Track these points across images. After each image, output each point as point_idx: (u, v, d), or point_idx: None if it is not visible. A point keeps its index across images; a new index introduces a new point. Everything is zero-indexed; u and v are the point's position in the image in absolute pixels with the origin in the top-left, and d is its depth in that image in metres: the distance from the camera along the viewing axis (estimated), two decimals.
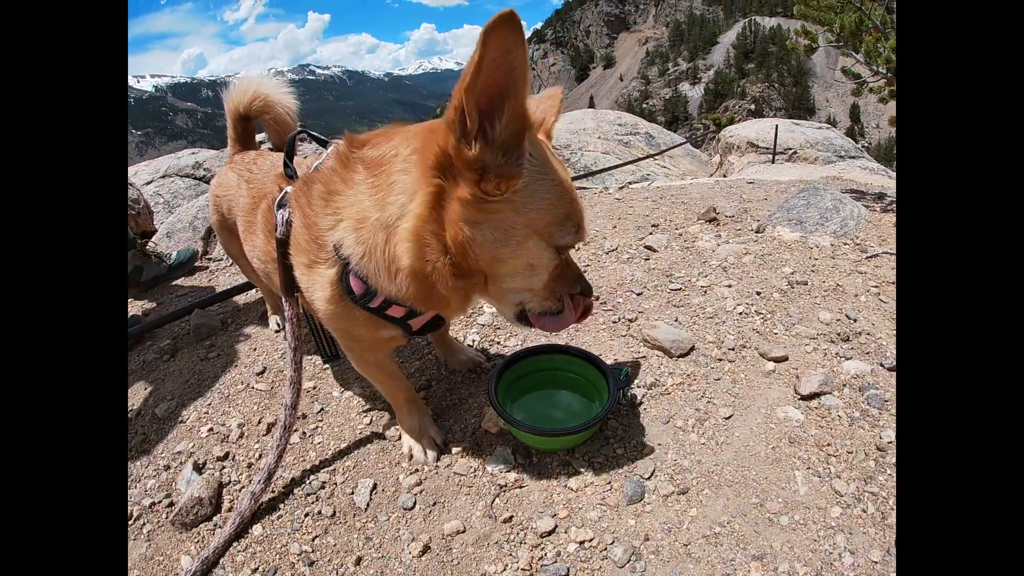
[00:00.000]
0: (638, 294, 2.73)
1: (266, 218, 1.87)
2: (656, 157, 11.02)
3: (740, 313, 2.47)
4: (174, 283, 3.88)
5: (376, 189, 1.39)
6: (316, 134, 1.95)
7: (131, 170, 6.97)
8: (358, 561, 1.63)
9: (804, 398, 1.96)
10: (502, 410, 1.83)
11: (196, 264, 4.15)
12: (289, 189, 1.71)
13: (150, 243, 4.48)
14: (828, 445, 1.77)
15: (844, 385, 2.00)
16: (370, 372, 1.95)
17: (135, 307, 3.57)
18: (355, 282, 1.51)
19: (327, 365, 2.53)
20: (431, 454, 1.93)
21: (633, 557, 1.52)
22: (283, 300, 1.85)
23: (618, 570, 1.50)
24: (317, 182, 1.53)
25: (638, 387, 2.10)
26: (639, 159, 9.99)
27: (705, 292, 2.68)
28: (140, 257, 3.68)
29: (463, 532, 1.67)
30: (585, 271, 2.98)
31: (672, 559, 1.51)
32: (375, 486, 1.86)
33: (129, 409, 2.43)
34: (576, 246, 1.56)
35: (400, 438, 2.01)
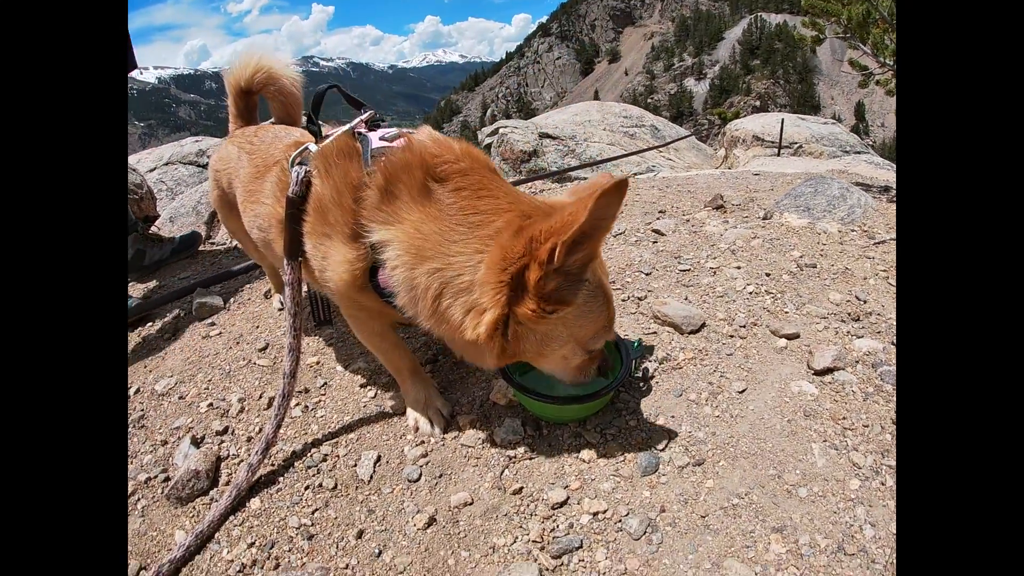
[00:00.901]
0: (647, 274, 2.69)
1: (279, 181, 1.83)
2: (661, 150, 10.96)
3: (750, 292, 2.43)
4: (178, 266, 3.86)
5: (446, 240, 1.44)
6: (350, 94, 1.92)
7: (134, 158, 6.98)
8: (360, 534, 1.59)
9: (818, 373, 1.92)
10: (511, 378, 1.79)
11: (200, 248, 4.13)
12: (312, 147, 1.68)
13: (152, 228, 4.48)
14: (844, 419, 1.74)
15: (857, 362, 1.97)
16: (372, 341, 1.93)
17: (137, 290, 3.54)
18: (384, 280, 1.55)
19: (325, 334, 2.51)
20: (438, 425, 1.89)
21: (649, 529, 1.48)
22: (284, 263, 1.80)
23: (634, 542, 1.46)
24: (373, 169, 1.51)
25: (650, 361, 2.06)
26: (644, 150, 9.94)
27: (714, 273, 2.64)
28: (143, 241, 3.66)
29: (471, 504, 1.63)
30: None
31: (689, 531, 1.47)
32: (379, 458, 1.83)
33: (128, 386, 2.40)
34: None
35: (405, 411, 1.97)
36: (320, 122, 1.84)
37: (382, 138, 1.59)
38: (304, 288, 1.98)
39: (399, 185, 1.47)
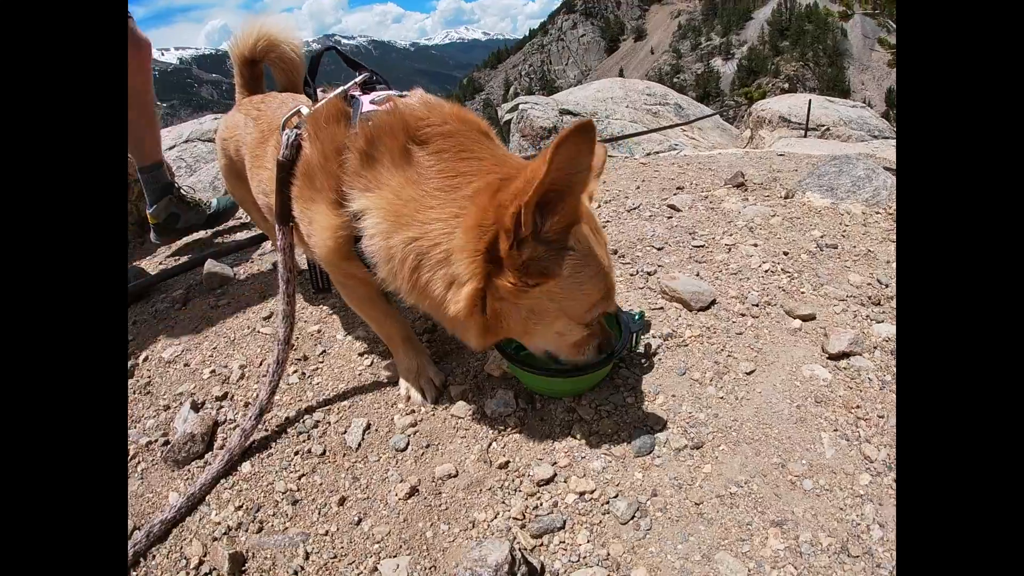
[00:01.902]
0: (659, 249, 2.58)
1: (279, 145, 1.79)
2: (685, 129, 10.76)
3: (766, 271, 2.32)
4: (199, 239, 3.88)
5: (423, 206, 1.37)
6: (347, 55, 1.86)
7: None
8: (341, 501, 1.56)
9: (832, 357, 1.81)
10: (504, 349, 1.72)
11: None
12: (304, 110, 1.63)
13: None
14: (857, 407, 1.63)
15: (875, 348, 1.86)
16: (362, 309, 1.89)
17: (152, 264, 3.55)
18: (364, 249, 1.49)
19: (328, 304, 2.49)
20: (429, 395, 1.84)
21: (638, 513, 1.40)
22: (276, 228, 1.78)
23: (620, 527, 1.38)
24: (357, 133, 1.45)
25: (654, 337, 1.96)
26: (667, 127, 9.76)
27: (729, 250, 2.53)
28: (177, 204, 3.65)
29: (455, 476, 1.57)
30: (605, 227, 2.85)
31: (681, 518, 1.38)
32: (369, 426, 1.78)
33: (137, 355, 2.40)
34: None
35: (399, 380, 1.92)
36: (317, 86, 1.79)
37: (372, 101, 1.53)
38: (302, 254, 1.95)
39: (380, 149, 1.41)
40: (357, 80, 1.65)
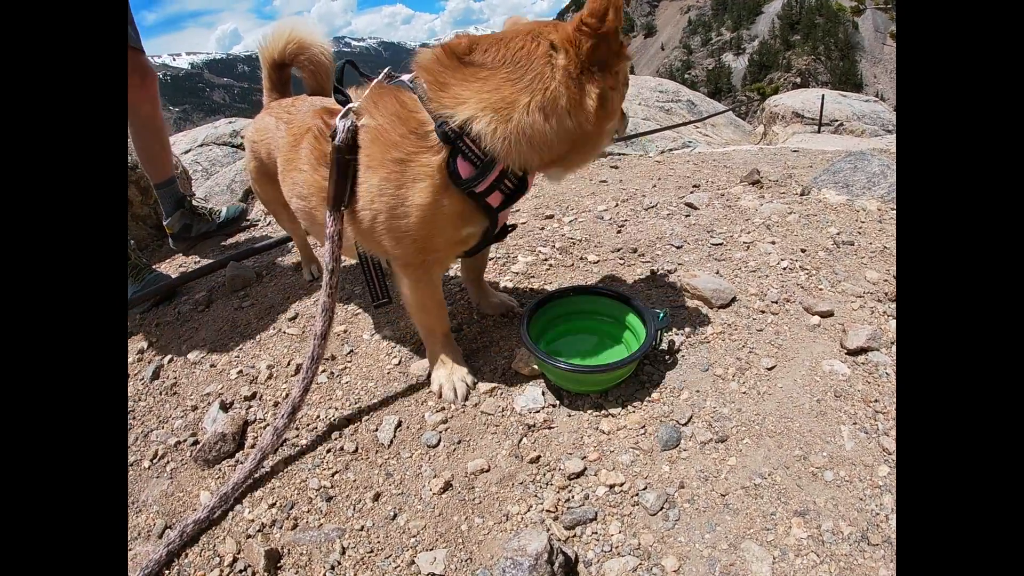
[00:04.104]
0: (678, 247, 2.63)
1: (313, 148, 1.85)
2: (698, 126, 10.74)
3: (784, 268, 2.36)
4: (214, 243, 3.93)
5: (519, 81, 1.52)
6: (360, 70, 1.89)
7: (170, 140, 7.19)
8: (376, 497, 1.60)
9: (851, 353, 1.85)
10: (534, 346, 1.77)
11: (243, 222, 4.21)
12: (353, 104, 1.69)
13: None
14: (876, 401, 1.67)
15: (892, 343, 1.89)
16: (425, 292, 1.85)
17: (172, 266, 3.60)
18: (464, 166, 1.56)
19: (348, 301, 2.53)
20: (461, 392, 1.88)
21: (666, 504, 1.45)
22: (327, 215, 1.73)
23: (650, 517, 1.43)
24: (416, 76, 1.60)
25: (676, 334, 2.01)
26: (680, 124, 9.74)
27: (747, 247, 2.57)
28: (190, 215, 3.79)
29: (487, 471, 1.62)
30: (623, 226, 2.90)
31: (708, 509, 1.43)
32: (400, 423, 1.83)
33: (162, 356, 2.45)
34: None
35: (429, 376, 1.97)
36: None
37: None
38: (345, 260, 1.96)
39: (445, 74, 1.56)
40: (385, 72, 1.75)
